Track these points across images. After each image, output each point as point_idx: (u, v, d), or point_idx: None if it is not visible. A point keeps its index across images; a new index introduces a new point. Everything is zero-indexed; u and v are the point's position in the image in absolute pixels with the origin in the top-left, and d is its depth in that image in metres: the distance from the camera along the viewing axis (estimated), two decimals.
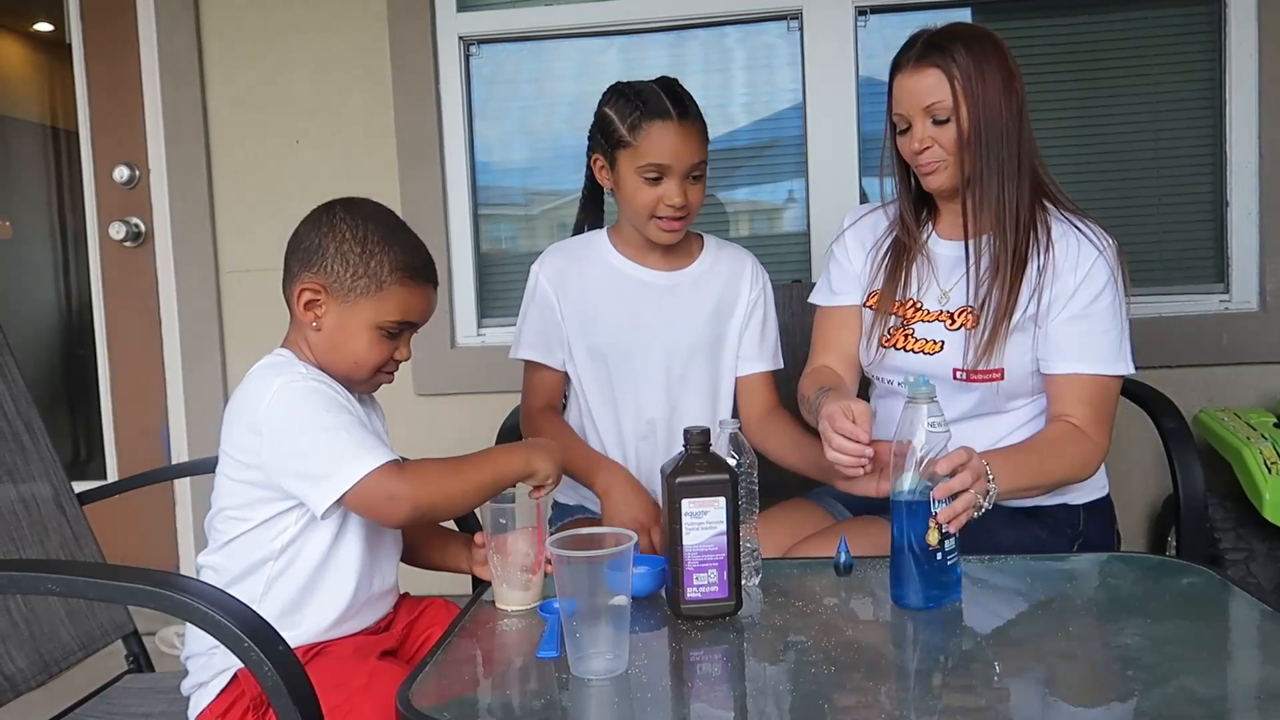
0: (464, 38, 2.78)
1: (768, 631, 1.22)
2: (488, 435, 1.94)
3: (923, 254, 1.65)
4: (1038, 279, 1.55)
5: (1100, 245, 1.55)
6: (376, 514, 1.30)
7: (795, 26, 2.69)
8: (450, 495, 1.31)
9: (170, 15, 2.80)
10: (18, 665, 1.50)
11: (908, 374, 1.62)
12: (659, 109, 1.65)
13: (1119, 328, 1.56)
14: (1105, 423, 1.57)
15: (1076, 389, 1.55)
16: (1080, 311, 1.54)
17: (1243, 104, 2.56)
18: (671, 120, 1.65)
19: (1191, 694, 0.99)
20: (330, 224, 1.35)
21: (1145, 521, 2.64)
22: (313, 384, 1.30)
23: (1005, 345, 1.54)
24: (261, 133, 2.82)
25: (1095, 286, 1.54)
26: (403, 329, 1.38)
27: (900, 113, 1.58)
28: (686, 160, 1.66)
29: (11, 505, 1.61)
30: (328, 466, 1.25)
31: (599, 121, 1.73)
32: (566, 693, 1.05)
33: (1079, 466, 1.55)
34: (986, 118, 1.52)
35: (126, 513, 1.79)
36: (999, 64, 1.53)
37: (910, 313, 1.64)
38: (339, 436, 1.26)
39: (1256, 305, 2.58)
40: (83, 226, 2.95)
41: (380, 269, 1.33)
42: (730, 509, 1.22)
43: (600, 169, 1.76)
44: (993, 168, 1.53)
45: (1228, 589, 1.28)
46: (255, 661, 1.05)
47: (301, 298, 1.34)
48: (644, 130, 1.65)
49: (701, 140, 1.69)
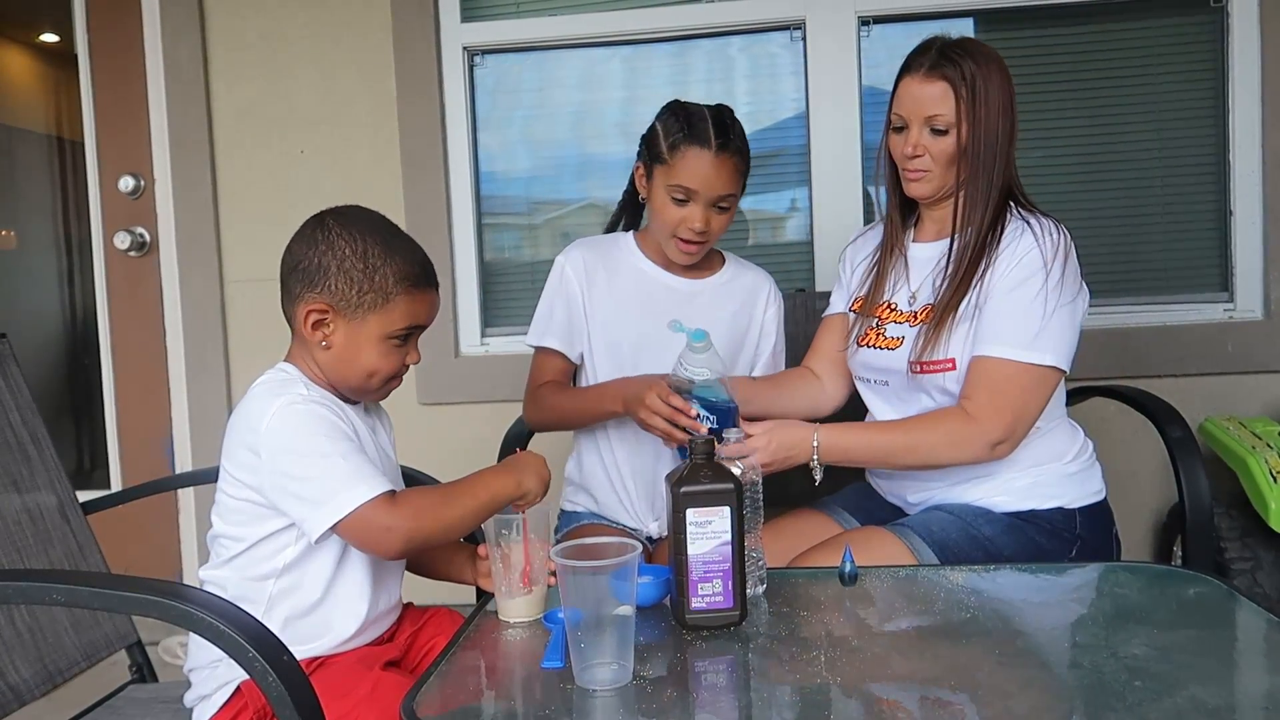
0: (468, 48, 2.78)
1: (773, 642, 1.21)
2: (492, 444, 1.94)
3: (901, 257, 1.72)
4: (984, 269, 1.59)
5: (1039, 236, 1.57)
6: (369, 545, 1.28)
7: (798, 36, 2.70)
8: (445, 525, 1.30)
9: (175, 26, 2.82)
10: (22, 675, 1.50)
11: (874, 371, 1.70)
12: (701, 135, 1.68)
13: (1039, 315, 1.54)
14: (1004, 411, 1.53)
15: (979, 371, 1.56)
16: (1001, 296, 1.56)
17: (1246, 113, 2.56)
18: (709, 149, 1.67)
19: (1200, 704, 0.98)
20: (328, 241, 1.33)
21: (1151, 531, 2.63)
22: (313, 406, 1.30)
23: (951, 335, 1.58)
24: (266, 143, 2.83)
25: (1022, 273, 1.56)
26: (411, 333, 1.38)
27: (900, 113, 1.62)
28: (715, 190, 1.69)
29: (16, 515, 1.61)
30: (323, 493, 1.24)
31: (648, 132, 1.78)
32: (571, 703, 1.05)
33: (950, 446, 1.56)
34: (985, 138, 1.57)
35: (130, 522, 1.79)
36: (1002, 88, 1.59)
37: (885, 313, 1.70)
38: (335, 464, 1.25)
39: (1261, 314, 2.58)
40: (88, 236, 2.96)
41: (385, 282, 1.33)
42: (735, 518, 1.22)
43: (640, 176, 1.80)
44: (976, 184, 1.59)
45: (1234, 598, 1.28)
46: (260, 672, 1.05)
47: (309, 319, 1.33)
48: (681, 152, 1.69)
49: (735, 174, 1.71)
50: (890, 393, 1.69)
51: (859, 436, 1.62)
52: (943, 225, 1.67)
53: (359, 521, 1.23)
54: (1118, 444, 2.35)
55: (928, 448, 1.58)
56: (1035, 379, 1.55)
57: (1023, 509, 1.60)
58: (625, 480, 1.86)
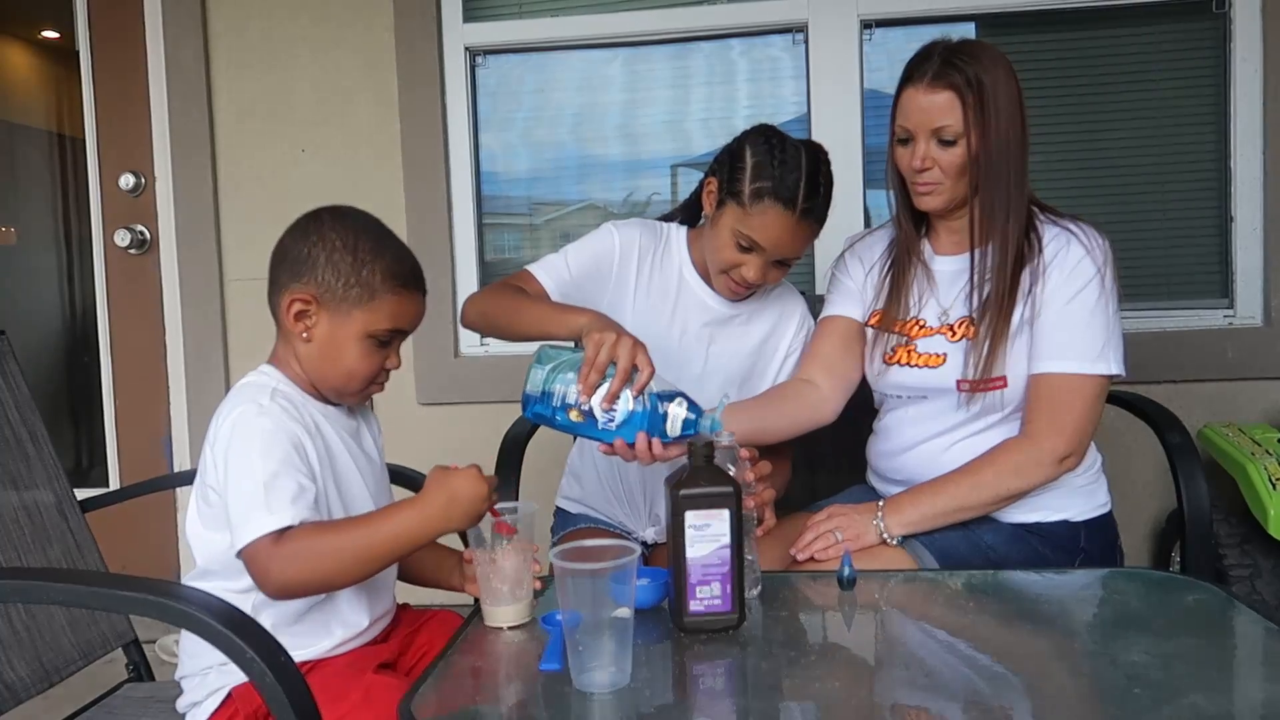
0: (470, 48, 2.78)
1: (771, 645, 1.21)
2: (491, 444, 1.94)
3: (922, 270, 1.65)
4: (1030, 284, 1.55)
5: (1088, 245, 1.55)
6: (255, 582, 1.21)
7: (800, 39, 2.70)
8: (324, 577, 1.22)
9: (178, 25, 2.82)
10: (18, 673, 1.50)
11: (909, 389, 1.63)
12: (788, 195, 1.56)
13: (1101, 326, 1.53)
14: (1065, 426, 1.51)
15: (1042, 389, 1.53)
16: (1059, 309, 1.54)
17: (1247, 120, 2.56)
18: (793, 214, 1.57)
19: (1199, 711, 0.98)
20: (320, 233, 1.32)
21: (1150, 537, 2.63)
22: (262, 420, 1.25)
23: (1007, 353, 1.54)
24: (267, 142, 2.83)
25: (1077, 283, 1.53)
26: (393, 337, 1.36)
27: (905, 125, 1.56)
28: (782, 252, 1.62)
29: (14, 513, 1.61)
30: (237, 516, 1.21)
31: (733, 155, 1.64)
32: (569, 706, 1.05)
33: (1015, 474, 1.53)
34: (996, 146, 1.51)
35: (128, 520, 1.79)
36: (1010, 91, 1.52)
37: (914, 330, 1.64)
38: (255, 487, 1.21)
39: (1261, 320, 2.58)
40: (88, 234, 2.96)
41: (373, 277, 1.31)
42: (734, 522, 1.21)
43: (709, 194, 1.68)
44: (989, 195, 1.54)
45: (1233, 605, 1.27)
46: (258, 673, 1.04)
47: (291, 309, 1.32)
48: (762, 204, 1.57)
49: (809, 238, 1.63)
50: (929, 406, 1.63)
51: (923, 505, 1.54)
52: (962, 236, 1.61)
53: (249, 557, 1.19)
54: (1117, 450, 2.34)
55: (994, 483, 1.53)
56: (1099, 389, 1.54)
57: (1028, 520, 1.59)
58: (622, 489, 1.85)
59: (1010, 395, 1.56)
